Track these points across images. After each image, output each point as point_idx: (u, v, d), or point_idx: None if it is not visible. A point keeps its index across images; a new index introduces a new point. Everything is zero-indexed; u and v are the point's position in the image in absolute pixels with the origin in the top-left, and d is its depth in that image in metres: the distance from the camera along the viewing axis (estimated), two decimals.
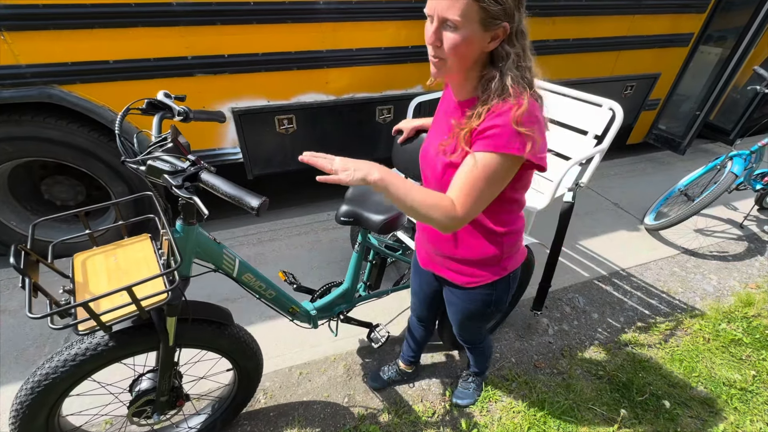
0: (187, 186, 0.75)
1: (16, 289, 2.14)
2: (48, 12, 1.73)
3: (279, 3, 2.03)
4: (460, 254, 1.06)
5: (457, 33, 0.73)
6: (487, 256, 1.03)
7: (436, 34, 0.75)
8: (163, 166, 0.77)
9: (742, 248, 2.62)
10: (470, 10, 0.70)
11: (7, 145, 1.99)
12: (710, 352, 1.85)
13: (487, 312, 1.19)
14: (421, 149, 1.04)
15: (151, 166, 0.77)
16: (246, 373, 1.40)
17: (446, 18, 0.71)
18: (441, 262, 1.13)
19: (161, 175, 0.76)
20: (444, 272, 1.14)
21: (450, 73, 0.81)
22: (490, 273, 1.07)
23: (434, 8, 0.73)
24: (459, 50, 0.74)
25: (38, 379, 1.03)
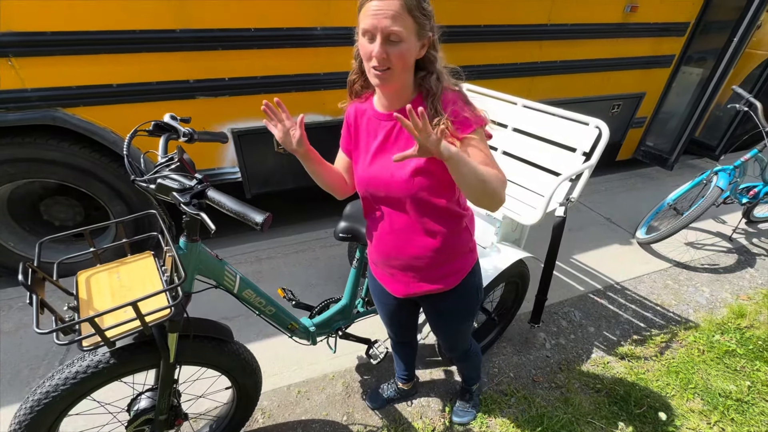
0: (195, 203, 0.78)
1: (12, 310, 2.13)
2: (56, 39, 1.79)
3: (278, 29, 2.12)
4: (445, 256, 1.07)
5: (401, 44, 0.81)
6: (463, 244, 1.09)
7: (383, 48, 0.81)
8: (172, 184, 0.80)
9: (732, 260, 2.67)
10: (409, 23, 0.80)
11: (10, 166, 2.02)
12: (705, 364, 1.87)
13: (476, 301, 1.22)
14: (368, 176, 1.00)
15: (161, 185, 0.81)
16: (245, 391, 1.40)
17: (392, 32, 0.79)
18: (423, 278, 1.10)
19: (170, 193, 0.80)
20: (428, 287, 1.12)
21: (394, 82, 0.88)
22: (467, 260, 1.12)
23: (377, 24, 0.79)
24: (404, 58, 0.83)
25: (38, 398, 1.03)
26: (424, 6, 0.82)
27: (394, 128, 0.96)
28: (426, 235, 1.03)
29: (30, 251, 2.35)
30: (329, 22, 2.19)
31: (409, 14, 0.78)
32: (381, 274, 1.21)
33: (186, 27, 1.95)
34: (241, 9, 2.00)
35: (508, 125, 1.90)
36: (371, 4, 0.79)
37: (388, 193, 0.99)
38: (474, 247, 1.15)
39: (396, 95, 0.93)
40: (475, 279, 1.18)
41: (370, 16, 0.79)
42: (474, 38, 2.57)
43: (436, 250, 1.05)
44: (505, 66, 2.78)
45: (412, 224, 1.02)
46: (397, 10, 0.77)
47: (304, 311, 1.70)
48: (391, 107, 0.95)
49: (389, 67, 0.83)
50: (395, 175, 0.95)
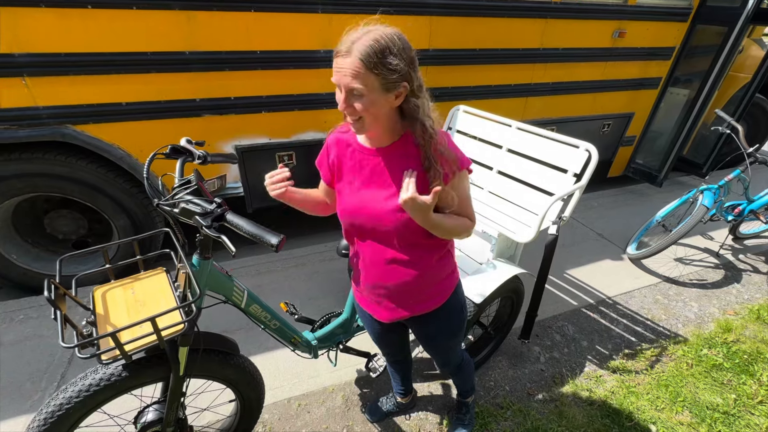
0: (215, 225, 0.84)
1: (13, 322, 2.15)
2: (69, 60, 1.86)
3: (283, 51, 2.21)
4: (430, 280, 1.12)
5: (363, 98, 0.85)
6: (446, 267, 1.15)
7: (346, 102, 0.86)
8: (195, 208, 0.86)
9: (719, 276, 2.76)
10: (370, 80, 0.82)
11: (18, 181, 2.07)
12: (693, 377, 1.93)
13: (462, 318, 1.27)
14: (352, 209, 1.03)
15: (185, 209, 0.87)
16: (249, 403, 1.44)
17: (352, 88, 0.84)
18: (409, 303, 1.14)
19: (193, 217, 0.86)
20: (417, 309, 1.16)
21: (368, 130, 0.92)
22: (449, 281, 1.18)
23: (339, 81, 0.85)
24: (370, 111, 0.86)
25: (52, 410, 1.06)
26: (388, 61, 0.81)
27: (380, 163, 0.98)
28: (411, 265, 1.06)
29: (32, 264, 2.37)
30: (331, 45, 2.27)
31: (370, 71, 0.81)
32: (366, 301, 1.22)
33: (195, 49, 2.03)
34: (248, 33, 2.09)
35: (503, 146, 1.99)
36: (336, 61, 0.84)
37: (374, 226, 1.02)
38: (455, 268, 1.22)
39: (378, 137, 0.97)
40: (459, 297, 1.24)
41: (335, 71, 0.85)
42: (471, 61, 2.69)
43: (421, 277, 1.09)
44: (501, 87, 2.89)
45: (398, 255, 1.05)
46: (357, 68, 0.81)
47: (306, 325, 1.74)
48: (377, 144, 0.99)
49: (360, 116, 0.88)
50: (382, 208, 0.98)
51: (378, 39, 0.81)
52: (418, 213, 0.91)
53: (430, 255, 1.08)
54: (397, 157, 0.97)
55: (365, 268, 1.13)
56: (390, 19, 2.32)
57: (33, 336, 2.08)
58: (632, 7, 2.97)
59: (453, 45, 2.57)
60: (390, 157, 0.98)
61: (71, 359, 1.95)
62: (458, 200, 0.99)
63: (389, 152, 0.98)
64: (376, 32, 0.82)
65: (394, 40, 0.83)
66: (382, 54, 0.81)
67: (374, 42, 0.81)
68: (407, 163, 0.95)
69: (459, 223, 1.02)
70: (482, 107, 2.18)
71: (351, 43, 0.82)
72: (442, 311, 1.19)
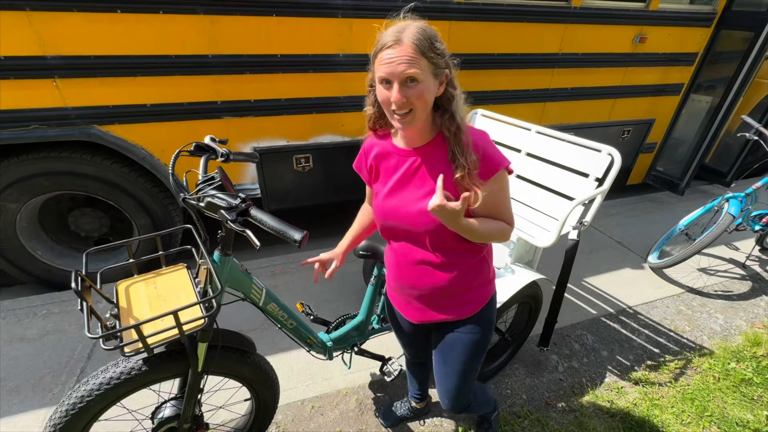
0: (240, 220, 0.85)
1: (36, 317, 2.20)
2: (98, 62, 1.92)
3: (303, 55, 2.24)
4: (462, 286, 1.08)
5: (418, 85, 0.84)
6: (480, 275, 1.10)
7: (401, 93, 0.84)
8: (220, 202, 0.87)
9: (746, 288, 2.66)
10: (423, 64, 0.83)
11: (45, 179, 2.13)
12: (721, 392, 1.85)
13: (486, 336, 1.19)
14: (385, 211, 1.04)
15: (210, 203, 0.88)
16: (264, 403, 1.43)
17: (408, 76, 0.83)
18: (438, 307, 1.12)
19: (218, 211, 0.87)
20: (443, 316, 1.13)
21: (416, 123, 0.90)
22: (483, 291, 1.13)
23: (392, 71, 0.83)
24: (423, 98, 0.86)
25: (73, 402, 1.07)
26: (436, 46, 0.84)
27: (414, 164, 0.98)
28: (443, 268, 1.04)
29: (55, 261, 2.44)
30: (350, 49, 2.31)
31: (422, 56, 0.82)
32: (398, 300, 1.23)
33: (218, 53, 2.08)
34: (269, 37, 2.13)
35: (521, 150, 1.97)
36: (384, 54, 0.82)
37: (407, 226, 1.02)
38: (492, 278, 1.16)
39: (417, 135, 0.97)
40: (489, 313, 1.17)
41: (384, 64, 0.83)
42: (489, 66, 2.68)
43: (453, 281, 1.06)
44: (518, 92, 2.87)
45: (430, 257, 1.04)
46: (411, 54, 0.81)
47: (321, 326, 1.74)
48: (412, 144, 0.98)
49: (411, 109, 0.86)
50: (415, 211, 0.97)
51: (423, 27, 0.84)
52: (447, 219, 0.89)
53: (462, 259, 1.05)
54: (432, 158, 0.96)
55: (397, 267, 1.13)
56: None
57: (54, 331, 2.12)
58: (654, 12, 2.93)
59: (471, 50, 2.57)
60: (424, 158, 0.97)
61: (91, 354, 1.98)
62: (495, 202, 0.96)
63: (423, 152, 0.97)
64: (416, 23, 0.85)
65: (430, 28, 0.86)
66: (431, 39, 0.83)
67: (421, 29, 0.83)
68: (440, 163, 0.94)
69: (495, 227, 0.98)
70: (499, 112, 2.17)
71: (398, 33, 0.82)
72: (468, 322, 1.14)
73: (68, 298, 2.37)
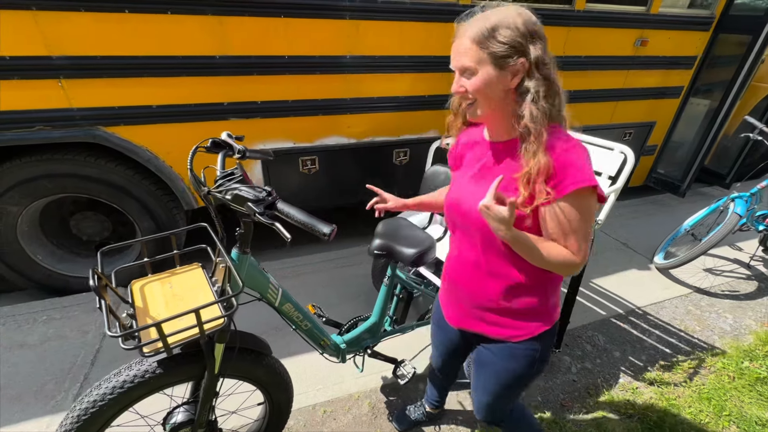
0: (267, 213, 0.83)
1: (36, 323, 2.15)
2: (104, 62, 1.90)
3: (310, 57, 2.23)
4: (509, 305, 0.99)
5: (475, 77, 0.83)
6: (538, 304, 0.98)
7: (458, 82, 0.86)
8: (248, 194, 0.85)
9: (752, 287, 2.66)
10: (479, 55, 0.80)
11: (48, 181, 2.09)
12: (737, 391, 1.84)
13: (529, 373, 1.06)
14: (451, 199, 1.02)
15: (237, 195, 0.86)
16: (278, 407, 1.40)
17: (464, 67, 0.83)
18: (480, 317, 1.04)
19: (245, 203, 0.84)
20: (482, 328, 1.05)
21: (483, 114, 0.87)
22: (538, 323, 1.00)
23: (453, 63, 0.86)
24: (481, 91, 0.83)
25: (85, 407, 1.03)
26: (497, 34, 0.79)
27: (493, 158, 0.94)
28: (491, 277, 0.97)
29: (56, 265, 2.38)
30: (357, 50, 2.30)
31: (478, 46, 0.80)
32: (444, 296, 1.18)
33: (226, 53, 2.06)
34: (277, 38, 2.12)
35: None
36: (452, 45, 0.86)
37: (463, 221, 0.98)
38: (551, 313, 1.02)
39: (495, 127, 0.93)
40: (537, 349, 1.02)
41: (451, 58, 0.87)
42: None
43: (498, 296, 0.98)
44: None
45: (479, 260, 0.98)
46: (467, 45, 0.81)
47: (333, 328, 1.70)
48: (495, 137, 0.94)
49: (475, 99, 0.85)
50: (474, 207, 0.88)
51: (488, 16, 0.81)
52: (494, 224, 0.83)
53: (512, 273, 0.95)
54: (510, 156, 0.89)
55: (450, 262, 1.10)
56: (416, 25, 2.34)
57: (56, 337, 2.07)
58: (655, 15, 2.97)
59: None
60: (502, 154, 0.91)
61: (94, 360, 1.93)
62: (564, 223, 0.84)
63: (503, 148, 0.92)
64: (489, 12, 0.82)
65: (509, 15, 0.80)
66: (492, 29, 0.79)
67: (484, 20, 0.81)
68: (518, 162, 0.86)
69: (554, 253, 0.85)
70: None
71: (463, 24, 0.83)
72: (508, 350, 1.03)
73: (69, 303, 2.32)
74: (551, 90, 0.83)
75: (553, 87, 0.83)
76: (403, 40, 2.36)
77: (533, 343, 1.01)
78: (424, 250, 1.47)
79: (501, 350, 1.05)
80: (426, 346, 2.04)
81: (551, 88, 0.83)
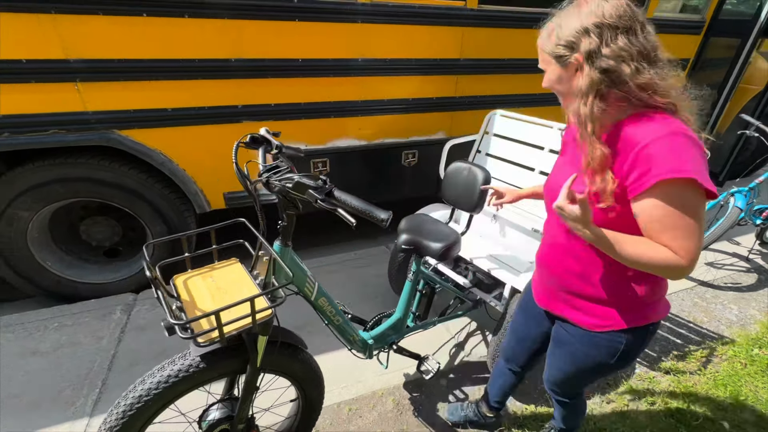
0: (327, 200, 0.85)
1: (48, 330, 2.10)
2: (121, 66, 1.90)
3: (323, 60, 2.27)
4: (594, 292, 0.97)
5: (546, 74, 0.93)
6: (628, 297, 0.94)
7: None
8: (310, 182, 0.87)
9: (753, 279, 2.75)
10: (544, 56, 0.90)
11: (60, 185, 2.07)
12: (750, 377, 1.89)
13: (608, 364, 1.02)
14: (547, 183, 1.04)
15: (299, 183, 0.87)
16: (310, 403, 1.40)
17: (541, 66, 0.93)
18: (565, 300, 1.04)
19: (306, 191, 0.86)
20: (567, 311, 1.05)
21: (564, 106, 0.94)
22: (627, 317, 0.96)
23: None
24: (554, 86, 0.92)
25: (131, 402, 1.03)
26: (554, 34, 0.85)
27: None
28: (576, 261, 0.97)
29: (65, 271, 2.34)
30: (368, 53, 2.35)
31: (541, 49, 0.90)
32: (537, 278, 1.18)
33: (241, 56, 2.08)
34: (291, 42, 2.15)
35: (544, 147, 2.02)
36: None
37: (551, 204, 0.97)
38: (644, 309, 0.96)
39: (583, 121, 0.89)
40: (622, 342, 0.98)
41: None
42: (499, 71, 2.76)
43: (583, 280, 0.97)
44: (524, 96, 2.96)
45: (566, 244, 0.98)
46: (539, 48, 0.91)
47: (358, 325, 1.71)
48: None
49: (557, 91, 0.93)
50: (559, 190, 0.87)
51: (554, 19, 0.88)
52: (571, 223, 0.81)
53: (595, 259, 0.93)
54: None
55: (542, 245, 1.12)
56: (423, 29, 2.39)
57: (69, 343, 2.03)
58: (649, 19, 3.08)
59: (481, 55, 2.65)
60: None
61: (111, 365, 1.90)
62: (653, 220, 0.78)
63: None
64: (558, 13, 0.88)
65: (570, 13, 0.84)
66: (550, 32, 0.87)
67: (549, 23, 0.89)
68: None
69: (648, 252, 0.78)
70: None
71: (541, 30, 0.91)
72: (594, 337, 1.01)
73: (79, 310, 2.28)
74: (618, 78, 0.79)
75: (619, 75, 0.79)
76: (413, 43, 2.41)
77: (618, 335, 0.97)
78: (451, 243, 1.50)
79: (582, 335, 1.03)
80: (446, 341, 2.06)
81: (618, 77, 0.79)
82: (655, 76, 0.81)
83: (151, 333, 2.11)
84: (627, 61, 0.79)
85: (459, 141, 2.32)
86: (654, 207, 0.78)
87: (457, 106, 2.76)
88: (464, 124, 2.81)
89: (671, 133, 0.78)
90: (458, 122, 2.82)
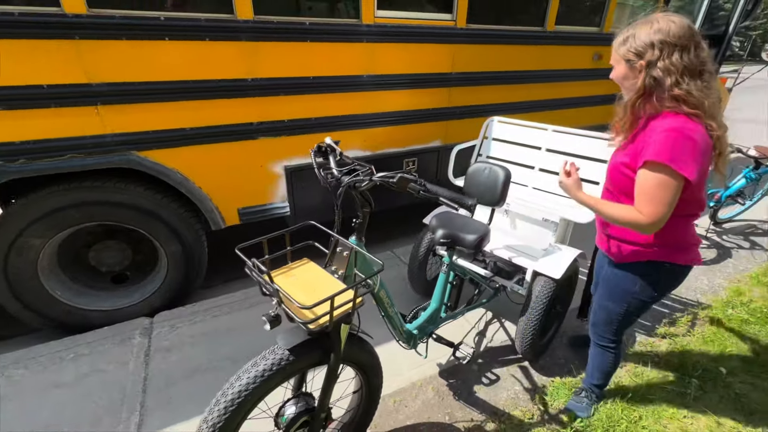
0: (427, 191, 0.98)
1: (64, 361, 2.03)
2: (142, 88, 1.94)
3: (332, 77, 2.41)
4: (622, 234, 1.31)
5: (614, 70, 1.21)
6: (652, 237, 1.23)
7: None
8: (411, 177, 1.00)
9: (713, 254, 3.16)
10: (615, 56, 1.18)
11: (75, 210, 2.03)
12: (730, 332, 2.21)
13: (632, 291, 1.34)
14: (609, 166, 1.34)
15: (402, 178, 1.00)
16: (372, 392, 1.49)
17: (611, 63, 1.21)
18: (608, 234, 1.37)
19: (408, 184, 0.99)
20: (608, 244, 1.38)
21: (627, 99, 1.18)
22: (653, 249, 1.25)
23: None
24: (620, 81, 1.20)
25: (231, 398, 1.08)
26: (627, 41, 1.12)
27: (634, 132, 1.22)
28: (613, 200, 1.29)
29: (74, 300, 2.26)
30: (374, 70, 2.52)
31: (615, 51, 1.17)
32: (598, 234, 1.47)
33: (257, 76, 2.18)
34: (304, 61, 2.28)
35: (541, 147, 2.27)
36: None
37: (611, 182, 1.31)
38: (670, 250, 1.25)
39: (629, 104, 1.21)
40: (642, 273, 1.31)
41: None
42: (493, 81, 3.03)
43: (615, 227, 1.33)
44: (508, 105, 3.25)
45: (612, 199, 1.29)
46: (613, 48, 1.18)
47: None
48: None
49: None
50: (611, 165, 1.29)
51: (632, 25, 1.11)
52: (566, 192, 1.30)
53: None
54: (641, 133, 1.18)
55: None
56: (420, 47, 2.61)
57: (93, 372, 1.97)
58: (607, 34, 3.51)
59: (470, 68, 2.91)
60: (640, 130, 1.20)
61: (145, 387, 1.87)
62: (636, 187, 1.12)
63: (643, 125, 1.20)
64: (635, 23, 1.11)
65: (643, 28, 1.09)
66: (626, 38, 1.12)
67: (625, 31, 1.12)
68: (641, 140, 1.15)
69: (617, 212, 1.17)
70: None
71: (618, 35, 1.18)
72: (620, 267, 1.36)
73: (93, 339, 2.20)
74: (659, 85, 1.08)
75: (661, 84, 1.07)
76: (411, 60, 2.62)
77: (639, 266, 1.30)
78: (483, 235, 1.67)
79: (615, 268, 1.38)
80: (468, 330, 2.22)
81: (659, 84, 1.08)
82: (693, 88, 1.04)
83: (177, 353, 2.09)
84: (672, 74, 1.05)
85: (464, 146, 2.53)
86: (640, 176, 1.12)
87: (450, 116, 2.99)
88: (458, 132, 3.04)
89: (672, 130, 1.05)
90: (452, 130, 3.04)
